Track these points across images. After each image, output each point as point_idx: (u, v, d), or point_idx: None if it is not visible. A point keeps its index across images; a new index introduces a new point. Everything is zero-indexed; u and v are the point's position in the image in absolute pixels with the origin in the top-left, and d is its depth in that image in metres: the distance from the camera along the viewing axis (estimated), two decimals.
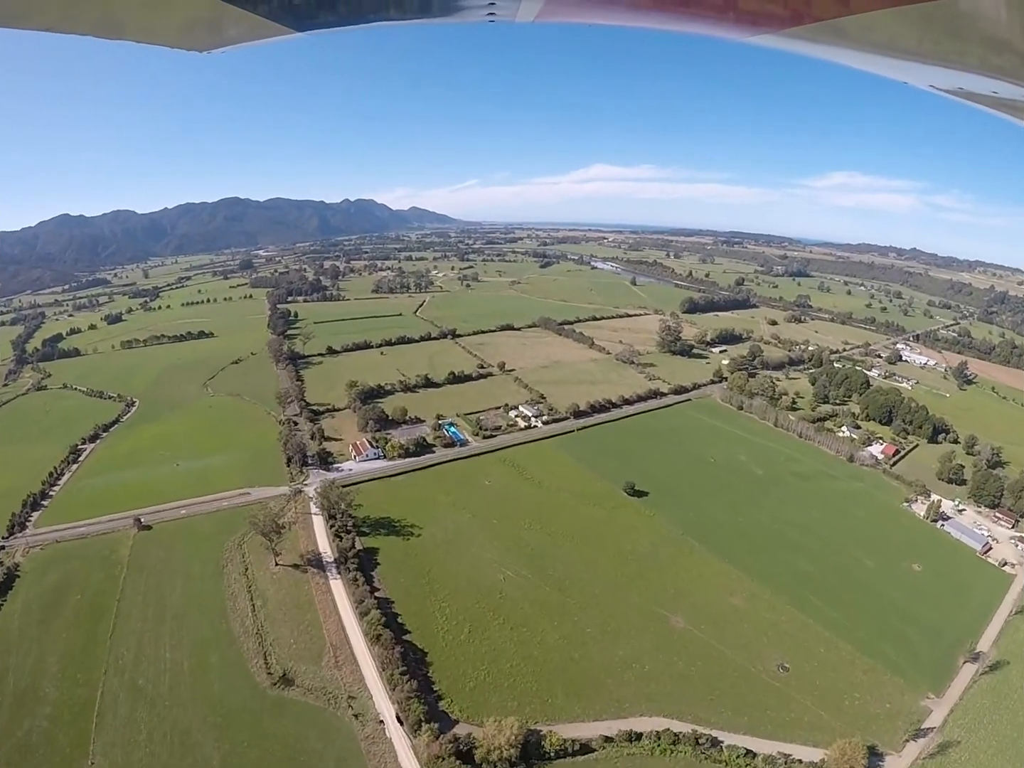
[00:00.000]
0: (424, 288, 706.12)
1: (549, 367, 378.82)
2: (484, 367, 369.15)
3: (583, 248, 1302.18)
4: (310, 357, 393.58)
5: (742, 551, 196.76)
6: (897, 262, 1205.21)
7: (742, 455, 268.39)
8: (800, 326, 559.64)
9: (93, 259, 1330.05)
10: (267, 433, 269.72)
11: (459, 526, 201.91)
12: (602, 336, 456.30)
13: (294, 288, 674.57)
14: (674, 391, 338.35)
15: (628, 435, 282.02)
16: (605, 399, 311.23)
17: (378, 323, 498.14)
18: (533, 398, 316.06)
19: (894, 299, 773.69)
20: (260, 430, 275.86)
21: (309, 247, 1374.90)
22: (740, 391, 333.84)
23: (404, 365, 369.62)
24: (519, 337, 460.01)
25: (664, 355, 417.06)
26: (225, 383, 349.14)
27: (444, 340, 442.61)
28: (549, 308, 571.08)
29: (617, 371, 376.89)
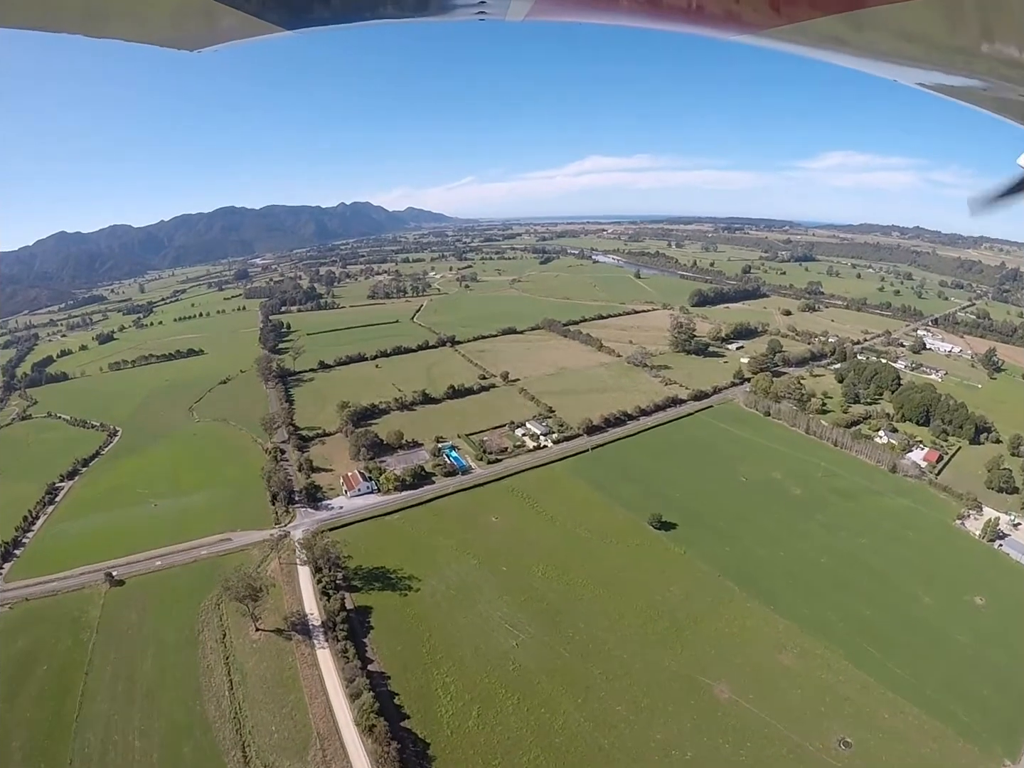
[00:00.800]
0: (421, 291, 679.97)
1: (556, 375, 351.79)
2: (486, 378, 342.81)
3: (583, 241, 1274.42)
4: (301, 373, 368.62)
5: (788, 594, 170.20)
6: (902, 241, 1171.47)
7: (776, 471, 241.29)
8: (815, 315, 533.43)
9: (91, 275, 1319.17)
10: (252, 464, 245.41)
11: (463, 576, 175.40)
12: (610, 336, 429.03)
13: (288, 297, 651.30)
14: (694, 397, 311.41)
15: (648, 452, 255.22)
16: (620, 411, 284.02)
17: (373, 332, 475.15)
18: (541, 413, 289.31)
19: (905, 281, 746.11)
20: (245, 461, 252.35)
21: (306, 253, 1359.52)
22: (765, 394, 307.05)
23: (400, 379, 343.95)
24: (522, 341, 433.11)
25: (678, 355, 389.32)
26: (211, 407, 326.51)
27: (443, 348, 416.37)
28: (552, 307, 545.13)
29: (629, 376, 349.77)
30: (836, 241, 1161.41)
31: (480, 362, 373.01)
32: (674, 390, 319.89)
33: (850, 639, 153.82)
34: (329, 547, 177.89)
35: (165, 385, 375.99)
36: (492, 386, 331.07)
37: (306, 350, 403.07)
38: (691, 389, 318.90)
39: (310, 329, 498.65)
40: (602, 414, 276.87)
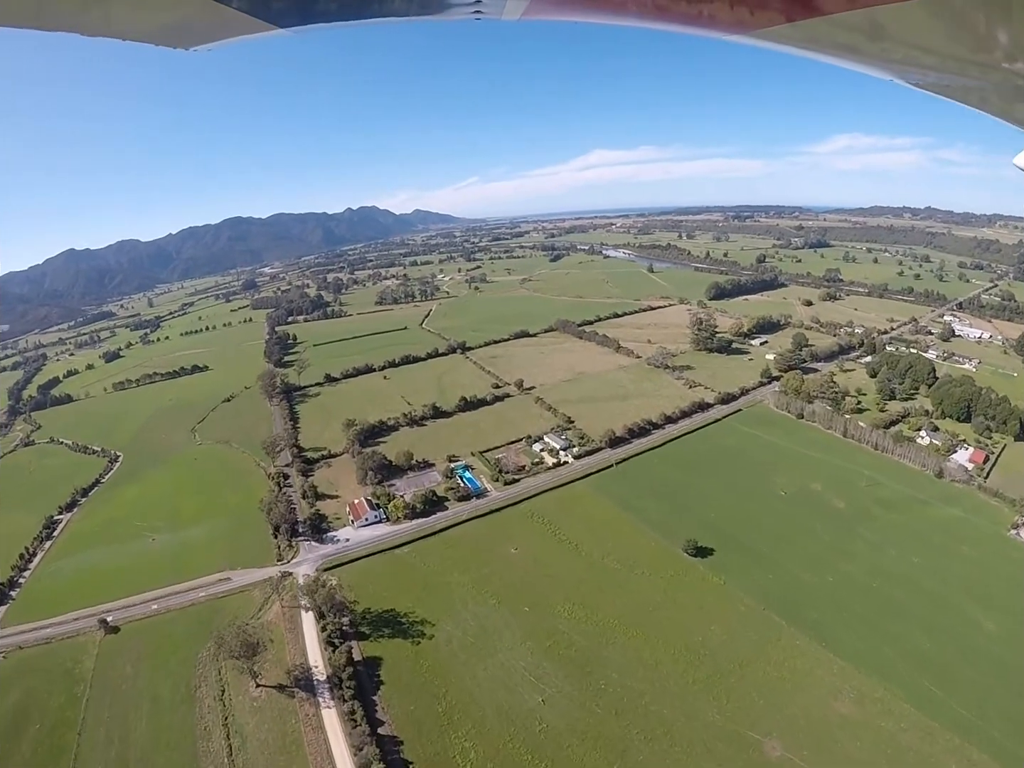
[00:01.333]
0: (430, 295, 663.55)
1: (573, 380, 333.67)
2: (499, 386, 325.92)
3: (592, 237, 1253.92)
4: (306, 388, 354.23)
5: (839, 627, 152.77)
6: (916, 223, 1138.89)
7: (815, 481, 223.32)
8: (837, 305, 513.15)
9: (100, 292, 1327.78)
10: (254, 491, 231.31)
11: (481, 619, 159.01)
12: (627, 336, 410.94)
13: (295, 307, 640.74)
14: (721, 400, 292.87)
15: (677, 465, 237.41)
16: (644, 420, 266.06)
17: (382, 340, 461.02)
18: (560, 424, 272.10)
19: (923, 263, 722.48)
20: (247, 487, 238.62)
21: (314, 260, 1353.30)
22: (796, 394, 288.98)
23: (410, 390, 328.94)
24: (536, 345, 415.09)
25: (700, 354, 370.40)
26: (214, 427, 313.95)
27: (453, 355, 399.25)
28: (565, 307, 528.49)
29: (651, 379, 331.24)
30: (849, 225, 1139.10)
31: (493, 369, 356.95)
32: (699, 393, 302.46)
33: (910, 677, 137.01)
34: (333, 592, 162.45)
35: (168, 405, 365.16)
36: (506, 395, 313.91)
37: (310, 364, 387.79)
38: (717, 391, 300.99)
39: (317, 339, 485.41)
40: (625, 424, 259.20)
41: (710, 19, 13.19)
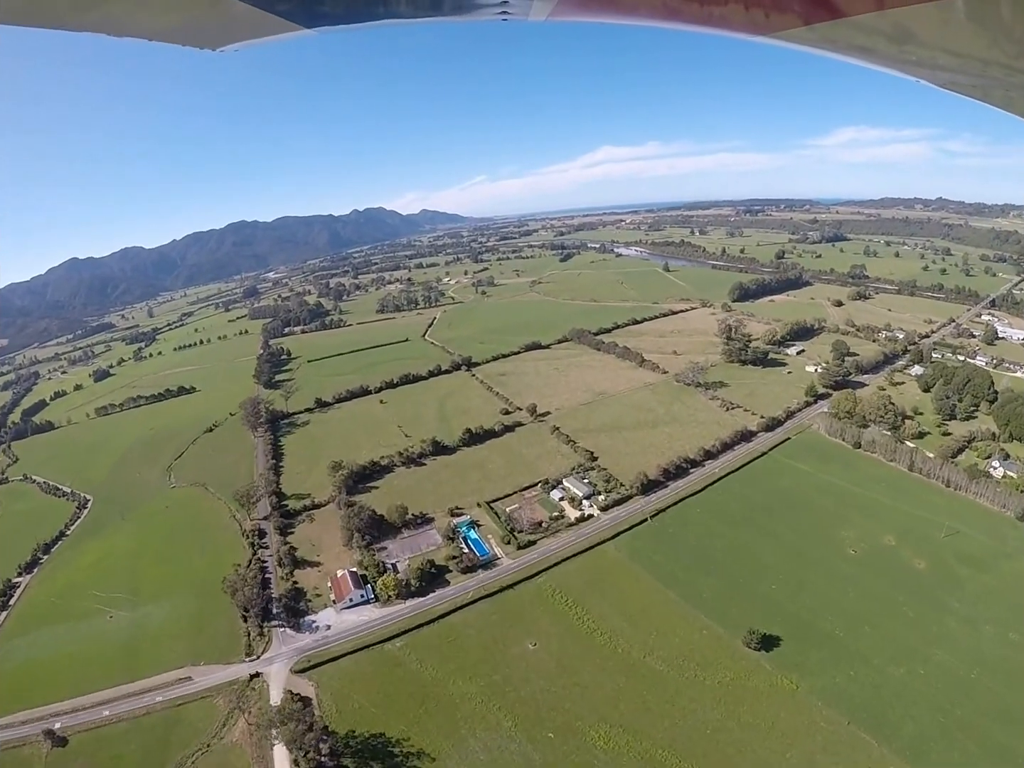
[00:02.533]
0: (434, 301, 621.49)
1: (594, 404, 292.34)
2: (509, 412, 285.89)
3: (602, 234, 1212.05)
4: (294, 416, 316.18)
5: (942, 744, 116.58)
6: (931, 215, 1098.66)
7: (887, 533, 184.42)
8: (869, 304, 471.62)
9: (102, 301, 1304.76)
10: (226, 554, 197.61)
11: (494, 752, 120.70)
12: (650, 346, 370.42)
13: (292, 317, 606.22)
14: (765, 427, 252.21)
15: (724, 517, 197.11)
16: (680, 457, 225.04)
17: (380, 354, 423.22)
18: (580, 463, 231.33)
19: (945, 257, 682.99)
20: (218, 548, 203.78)
21: (319, 264, 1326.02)
22: (849, 417, 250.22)
23: (408, 417, 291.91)
24: (549, 359, 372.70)
25: (733, 367, 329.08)
26: (191, 465, 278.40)
27: (458, 373, 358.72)
28: (578, 312, 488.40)
29: (682, 400, 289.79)
30: (863, 218, 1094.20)
31: (501, 390, 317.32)
32: (738, 417, 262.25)
33: None
34: (309, 714, 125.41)
35: (148, 435, 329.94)
36: (517, 424, 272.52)
37: (298, 389, 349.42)
38: (759, 415, 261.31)
39: (312, 354, 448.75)
40: (658, 463, 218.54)
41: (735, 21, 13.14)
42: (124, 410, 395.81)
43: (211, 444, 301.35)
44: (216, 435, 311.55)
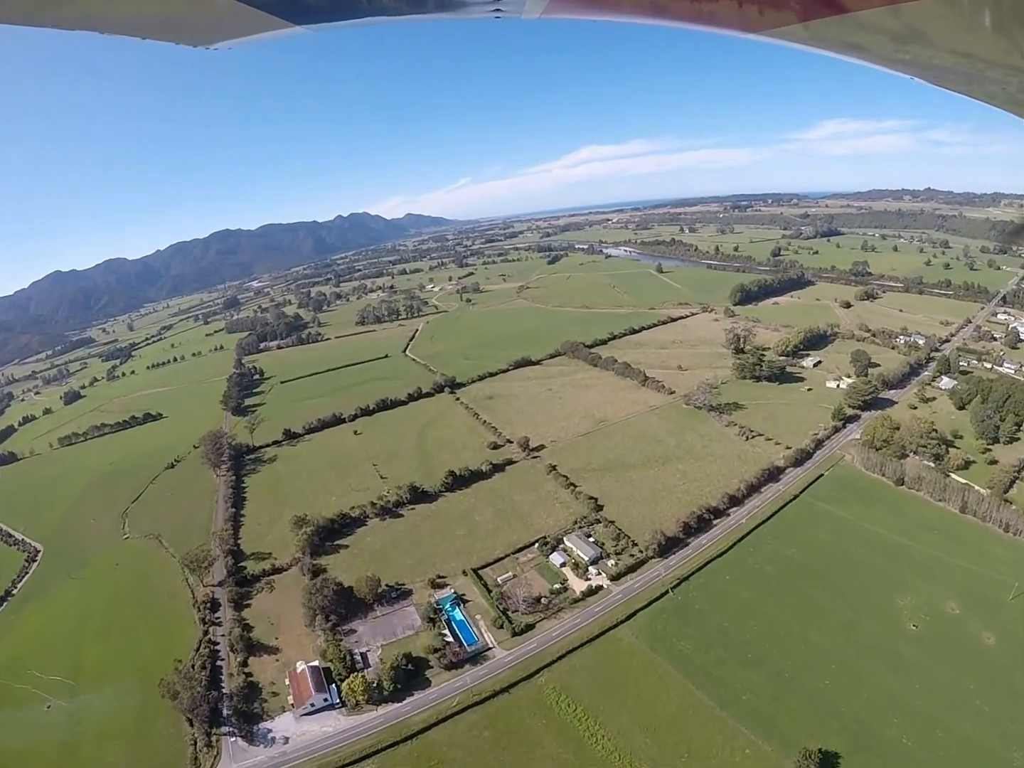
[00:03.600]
0: (417, 311, 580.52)
1: (594, 433, 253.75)
2: (499, 445, 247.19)
3: (589, 234, 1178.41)
4: (261, 450, 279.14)
5: None
6: (922, 206, 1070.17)
7: (948, 597, 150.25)
8: (878, 305, 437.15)
9: (85, 314, 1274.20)
10: (176, 630, 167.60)
11: None
12: (651, 360, 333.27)
13: (269, 331, 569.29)
14: (794, 461, 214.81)
15: (758, 585, 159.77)
16: (701, 505, 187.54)
17: (358, 373, 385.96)
18: (583, 514, 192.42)
19: (945, 250, 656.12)
20: (169, 620, 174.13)
21: (302, 271, 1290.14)
22: (886, 446, 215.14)
23: (385, 452, 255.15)
24: (541, 378, 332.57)
25: (747, 384, 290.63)
26: (148, 511, 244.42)
27: (440, 396, 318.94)
28: (570, 321, 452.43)
29: (693, 427, 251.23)
30: (854, 211, 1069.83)
31: (489, 417, 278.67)
32: (760, 449, 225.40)
33: None
34: None
35: (108, 471, 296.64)
36: (507, 462, 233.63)
37: (263, 420, 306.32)
38: (783, 444, 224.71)
39: (285, 373, 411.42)
40: (677, 515, 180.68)
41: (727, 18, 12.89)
42: (88, 439, 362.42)
43: (171, 484, 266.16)
44: (177, 473, 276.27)
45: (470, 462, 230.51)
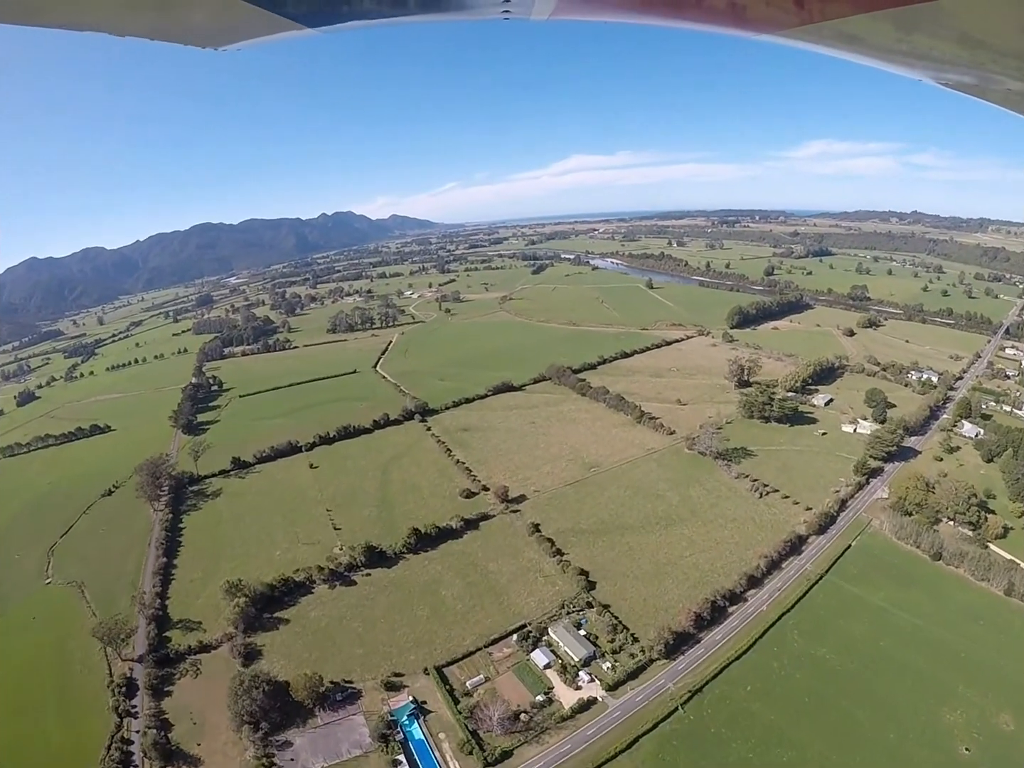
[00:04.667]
0: (393, 320, 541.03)
1: (584, 482, 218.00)
2: (473, 493, 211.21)
3: (575, 244, 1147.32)
4: (205, 481, 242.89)
5: None
6: (913, 228, 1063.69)
7: (1000, 710, 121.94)
8: (882, 335, 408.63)
9: (59, 304, 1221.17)
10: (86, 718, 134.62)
11: None
12: (647, 390, 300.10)
13: (236, 335, 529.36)
14: (817, 528, 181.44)
15: (786, 701, 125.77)
16: (715, 590, 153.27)
17: (322, 390, 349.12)
18: (573, 595, 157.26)
19: (940, 276, 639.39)
20: (80, 704, 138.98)
21: (282, 269, 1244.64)
22: (918, 511, 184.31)
23: (341, 495, 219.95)
24: (523, 407, 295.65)
25: (754, 424, 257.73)
26: (76, 549, 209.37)
27: (410, 425, 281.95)
28: (556, 339, 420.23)
29: (699, 479, 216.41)
30: (843, 231, 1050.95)
31: (463, 455, 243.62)
32: (777, 509, 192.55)
33: None
34: None
35: (45, 491, 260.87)
36: (482, 517, 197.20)
37: (209, 447, 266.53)
38: (802, 504, 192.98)
39: (246, 386, 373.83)
40: (687, 606, 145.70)
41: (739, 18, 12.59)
42: (32, 451, 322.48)
43: (106, 516, 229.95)
44: (114, 502, 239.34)
45: (438, 514, 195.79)
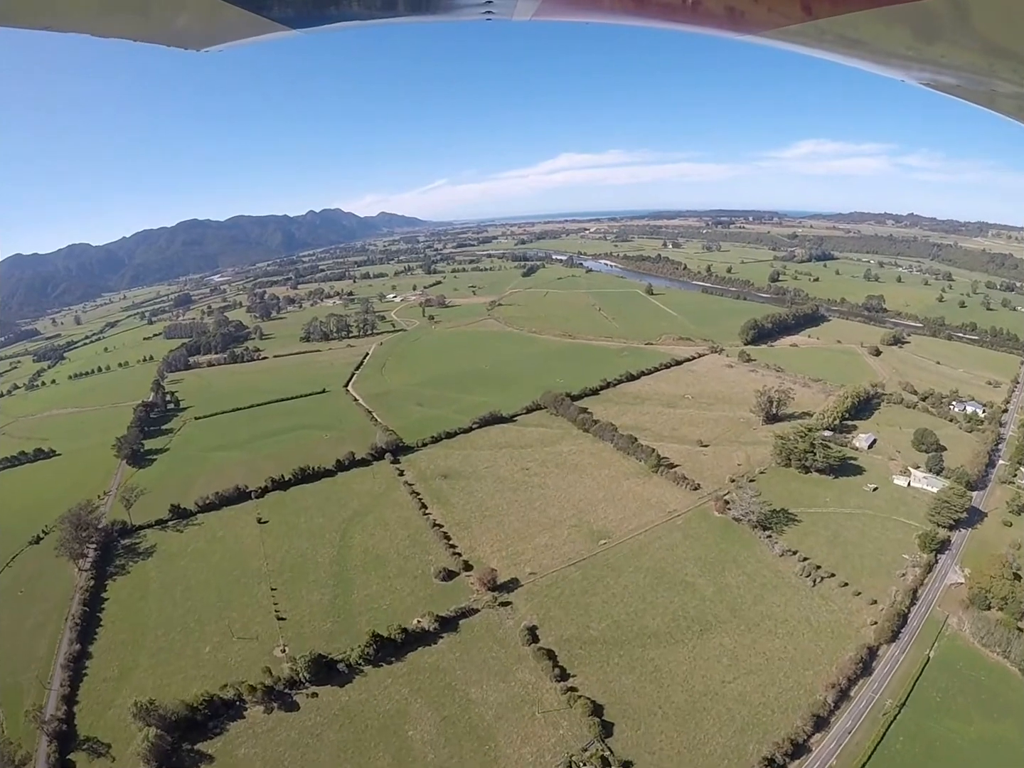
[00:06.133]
0: (371, 329, 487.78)
1: (593, 559, 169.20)
2: (452, 574, 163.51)
3: (566, 244, 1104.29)
4: (139, 533, 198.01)
5: None
6: (911, 232, 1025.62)
7: None
8: (908, 353, 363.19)
9: (40, 301, 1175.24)
10: None
11: None
12: (661, 425, 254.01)
13: (204, 342, 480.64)
14: (890, 634, 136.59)
15: None
16: (777, 742, 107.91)
17: (285, 415, 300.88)
18: (582, 743, 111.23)
19: (950, 284, 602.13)
20: None
21: (266, 267, 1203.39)
22: (1004, 605, 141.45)
23: (290, 564, 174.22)
24: (515, 446, 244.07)
25: (792, 475, 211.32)
26: None
27: (379, 466, 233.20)
28: (550, 354, 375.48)
29: (736, 556, 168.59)
30: (842, 234, 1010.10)
31: (441, 515, 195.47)
32: (837, 604, 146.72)
33: None
34: None
35: None
36: (464, 613, 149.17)
37: (144, 492, 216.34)
38: (865, 596, 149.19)
39: (204, 405, 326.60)
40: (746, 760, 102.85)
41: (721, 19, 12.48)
42: None
43: (28, 572, 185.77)
44: (41, 551, 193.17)
45: (407, 604, 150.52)
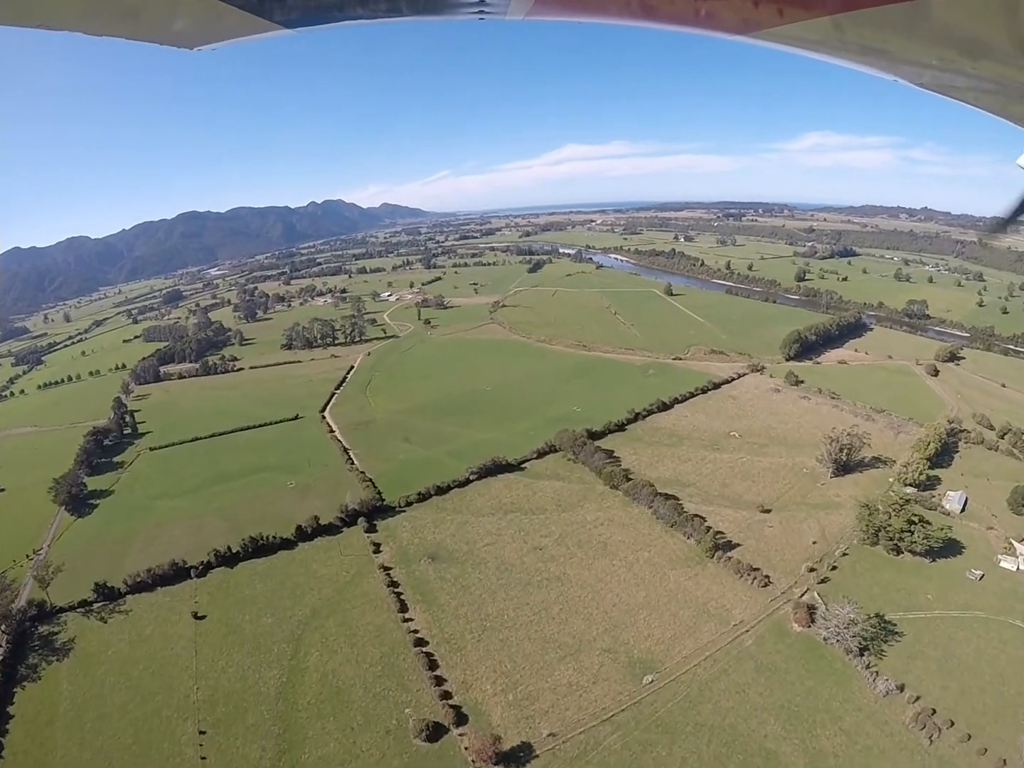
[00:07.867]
0: (360, 335, 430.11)
1: (632, 710, 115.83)
2: (441, 730, 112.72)
3: (573, 236, 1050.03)
4: (59, 618, 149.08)
5: None
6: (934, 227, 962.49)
7: None
8: (968, 372, 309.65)
9: (37, 296, 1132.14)
10: None
11: None
12: (706, 478, 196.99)
13: (179, 349, 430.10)
14: None
15: None
16: None
17: (247, 452, 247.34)
18: None
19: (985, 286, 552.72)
20: None
21: (263, 260, 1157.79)
22: None
23: (224, 694, 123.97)
24: (525, 511, 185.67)
25: (880, 556, 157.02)
26: None
27: (351, 534, 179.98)
28: (563, 370, 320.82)
29: (829, 701, 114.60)
30: (859, 228, 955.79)
31: (426, 623, 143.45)
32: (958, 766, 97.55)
33: None
34: None
35: None
36: None
37: (61, 569, 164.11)
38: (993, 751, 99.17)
39: (163, 431, 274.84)
40: None
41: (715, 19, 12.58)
42: None
43: None
44: None
45: None
